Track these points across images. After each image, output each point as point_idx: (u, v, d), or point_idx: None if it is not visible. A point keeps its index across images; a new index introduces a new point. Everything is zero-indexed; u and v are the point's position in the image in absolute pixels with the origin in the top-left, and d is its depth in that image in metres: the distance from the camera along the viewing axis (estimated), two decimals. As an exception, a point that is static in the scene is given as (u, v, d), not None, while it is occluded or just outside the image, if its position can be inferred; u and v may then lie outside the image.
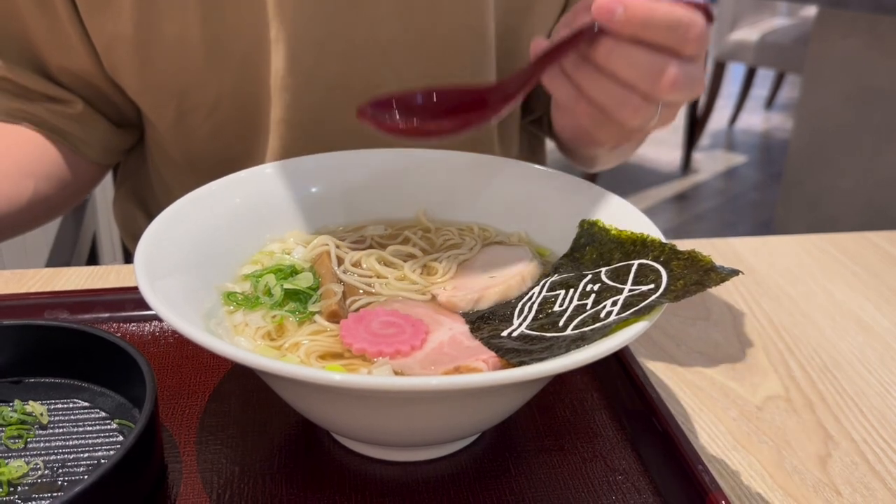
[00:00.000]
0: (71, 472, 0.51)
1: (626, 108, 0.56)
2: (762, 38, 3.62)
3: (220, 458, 0.53)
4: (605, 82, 0.55)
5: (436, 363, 0.50)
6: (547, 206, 0.64)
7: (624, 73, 0.55)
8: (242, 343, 0.52)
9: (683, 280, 0.48)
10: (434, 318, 0.54)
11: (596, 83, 0.56)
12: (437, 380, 0.41)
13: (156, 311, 0.45)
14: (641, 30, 0.54)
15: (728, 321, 0.76)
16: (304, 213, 0.65)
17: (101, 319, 0.68)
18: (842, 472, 0.58)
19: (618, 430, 0.57)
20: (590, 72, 0.56)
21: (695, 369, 0.69)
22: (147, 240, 0.52)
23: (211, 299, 0.54)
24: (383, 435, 0.52)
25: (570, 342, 0.47)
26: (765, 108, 4.68)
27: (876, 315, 0.78)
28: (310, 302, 0.56)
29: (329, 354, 0.51)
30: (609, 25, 0.54)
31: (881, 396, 0.66)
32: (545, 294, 0.54)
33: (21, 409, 0.55)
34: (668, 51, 0.54)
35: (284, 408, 0.58)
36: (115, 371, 0.55)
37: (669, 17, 0.54)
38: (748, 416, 0.63)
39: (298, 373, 0.41)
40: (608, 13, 0.53)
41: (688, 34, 0.54)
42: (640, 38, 0.54)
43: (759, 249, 0.90)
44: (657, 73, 0.54)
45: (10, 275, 0.78)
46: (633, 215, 0.58)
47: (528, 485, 0.52)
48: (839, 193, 2.46)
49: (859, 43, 2.30)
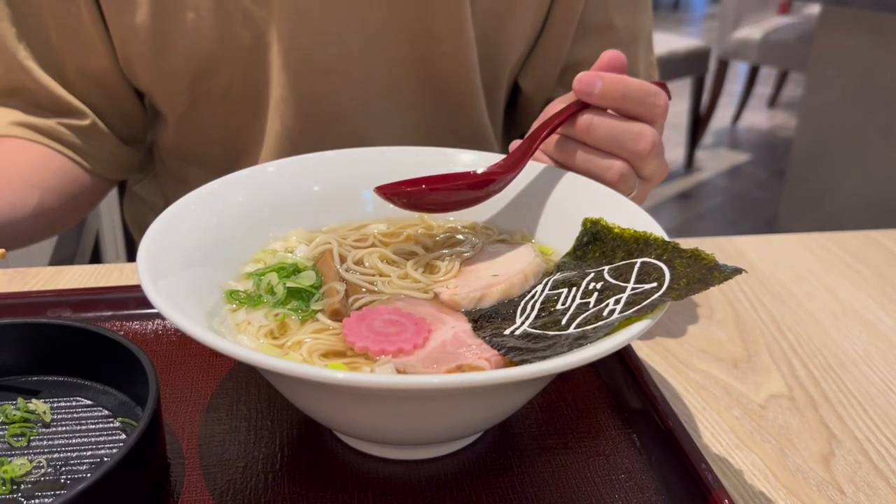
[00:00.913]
0: (74, 471, 0.51)
1: (611, 172, 0.62)
2: (765, 37, 3.61)
3: (223, 456, 0.54)
4: (588, 153, 0.63)
5: (438, 362, 0.50)
6: (550, 204, 0.64)
7: (607, 139, 0.62)
8: (245, 341, 0.52)
9: (686, 278, 0.48)
10: (436, 317, 0.54)
11: (580, 156, 0.63)
12: (439, 378, 0.41)
13: (159, 310, 0.45)
14: (619, 101, 0.61)
15: (731, 320, 0.76)
16: (307, 212, 0.65)
17: (104, 318, 0.68)
18: (845, 470, 0.58)
19: (621, 429, 0.57)
20: (573, 147, 0.63)
21: (698, 368, 0.69)
22: (150, 238, 0.53)
23: (214, 298, 0.54)
24: (386, 433, 0.51)
25: (572, 341, 0.47)
26: (768, 107, 4.67)
27: (880, 313, 0.78)
28: (312, 300, 0.56)
29: (332, 353, 0.51)
30: (590, 99, 0.62)
31: (884, 395, 0.66)
32: (548, 292, 0.54)
33: (24, 408, 0.55)
34: (642, 119, 0.62)
35: (287, 406, 0.58)
36: (117, 369, 0.55)
37: (641, 88, 0.62)
38: (751, 415, 0.63)
39: (301, 371, 0.41)
40: (589, 86, 0.61)
41: (657, 103, 0.62)
42: (618, 109, 0.62)
43: (763, 248, 0.90)
44: (637, 135, 0.62)
45: (13, 273, 0.78)
46: (636, 213, 0.58)
47: (530, 483, 0.52)
48: (843, 191, 2.46)
49: (863, 41, 2.30)
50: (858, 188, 2.42)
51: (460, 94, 0.89)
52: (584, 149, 0.63)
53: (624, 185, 0.63)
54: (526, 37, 0.90)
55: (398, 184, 0.59)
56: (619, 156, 0.62)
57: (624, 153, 0.62)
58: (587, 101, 0.62)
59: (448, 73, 0.87)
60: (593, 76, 0.61)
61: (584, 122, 0.62)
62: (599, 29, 0.89)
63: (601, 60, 0.64)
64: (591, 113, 0.62)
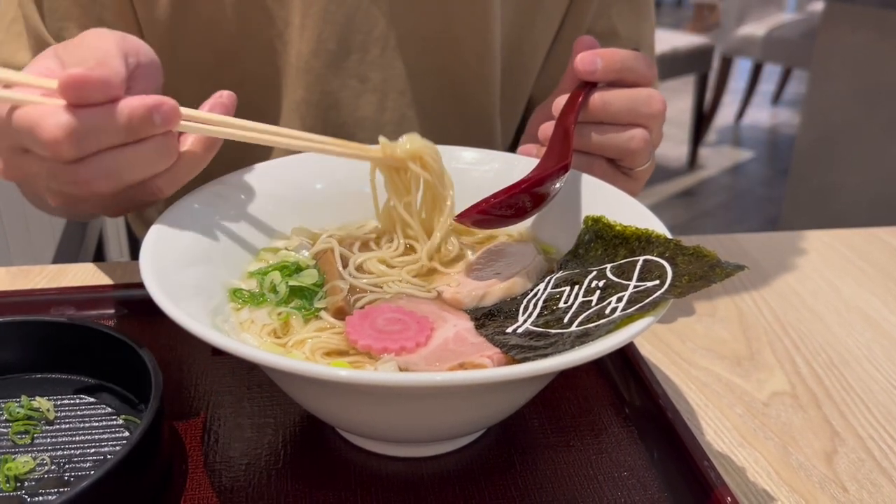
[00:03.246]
0: (77, 468, 0.51)
1: (634, 141, 0.65)
2: (769, 34, 3.61)
3: (226, 454, 0.54)
4: (608, 130, 0.65)
5: (441, 360, 0.50)
6: (551, 202, 0.64)
7: (623, 110, 0.64)
8: (249, 340, 0.52)
9: (689, 276, 0.48)
10: (439, 315, 0.54)
11: (601, 135, 0.65)
12: (441, 376, 0.41)
13: (162, 308, 0.45)
14: (620, 72, 0.64)
15: (734, 317, 0.76)
16: (310, 210, 0.65)
17: (107, 316, 0.68)
18: (848, 468, 0.58)
19: (623, 427, 0.57)
20: (589, 130, 0.65)
21: (700, 365, 0.69)
22: (153, 236, 0.53)
23: (217, 296, 0.55)
24: (389, 431, 0.52)
25: (574, 338, 0.47)
26: (772, 104, 4.66)
27: (883, 311, 0.78)
28: (315, 299, 0.56)
29: (334, 351, 0.51)
30: (594, 76, 0.64)
31: (888, 392, 0.66)
32: (550, 291, 0.54)
33: (28, 405, 0.55)
34: (641, 84, 0.65)
35: (290, 404, 0.58)
36: (120, 367, 0.55)
37: (632, 56, 0.65)
38: (754, 413, 0.63)
39: (305, 369, 0.41)
40: (591, 65, 0.64)
41: (650, 71, 0.66)
42: (620, 81, 0.65)
43: (766, 245, 0.90)
44: (648, 98, 0.65)
45: (17, 271, 0.78)
46: (637, 211, 0.58)
47: (533, 480, 0.52)
48: (846, 189, 2.45)
49: (867, 38, 2.29)
50: (862, 185, 2.41)
51: (480, 104, 0.89)
52: (602, 127, 0.65)
53: (647, 151, 0.66)
54: (546, 45, 0.90)
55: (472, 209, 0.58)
56: (637, 123, 0.65)
57: (641, 119, 0.65)
58: (591, 79, 0.65)
59: (470, 83, 0.87)
60: (592, 55, 0.64)
61: (597, 101, 0.64)
62: (604, 36, 0.90)
63: (578, 48, 0.67)
64: (598, 91, 0.65)
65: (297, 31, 0.80)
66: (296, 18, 0.80)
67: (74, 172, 0.50)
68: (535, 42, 0.89)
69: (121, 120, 0.49)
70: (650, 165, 0.69)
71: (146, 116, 0.49)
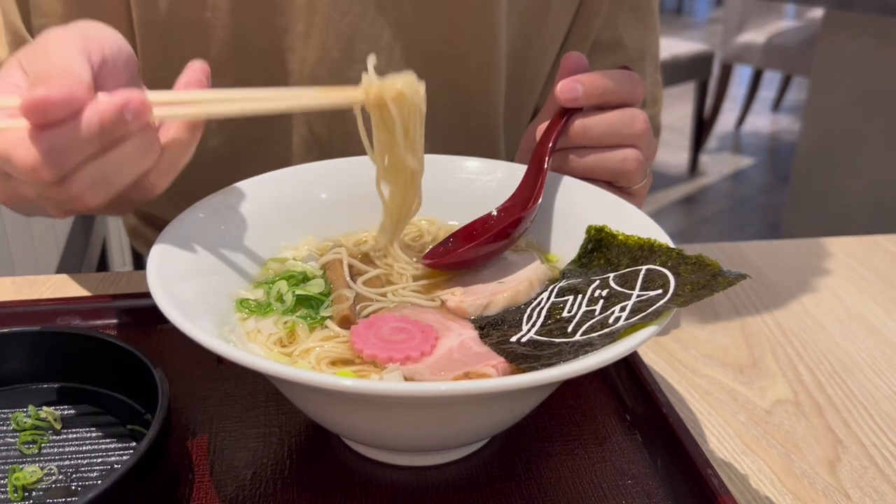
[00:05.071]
0: (84, 478, 0.51)
1: (627, 162, 0.64)
2: (769, 41, 3.61)
3: (232, 463, 0.54)
4: (594, 154, 0.65)
5: (445, 369, 0.50)
6: (554, 211, 0.64)
7: (605, 134, 0.64)
8: (255, 349, 0.52)
9: (691, 285, 0.48)
10: (443, 324, 0.54)
11: (589, 160, 0.65)
12: (446, 385, 0.41)
13: (169, 318, 0.45)
14: (602, 96, 0.63)
15: (736, 325, 0.76)
16: (316, 219, 0.65)
17: (114, 325, 0.68)
18: (851, 476, 0.58)
19: (627, 435, 0.58)
20: (576, 156, 0.65)
21: (703, 373, 0.69)
22: (160, 246, 0.53)
23: (224, 306, 0.55)
24: (394, 440, 0.52)
25: (578, 347, 0.47)
26: (772, 111, 4.67)
27: (885, 318, 0.78)
28: (321, 307, 0.56)
29: (340, 361, 0.52)
30: (576, 103, 0.63)
31: (890, 400, 0.66)
32: (554, 300, 0.54)
33: (35, 415, 0.55)
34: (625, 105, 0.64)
35: (296, 413, 0.58)
36: (127, 377, 0.56)
37: (616, 76, 0.64)
38: (757, 420, 0.63)
39: (311, 379, 0.41)
40: (572, 92, 0.63)
41: (636, 87, 0.65)
42: (603, 103, 0.65)
43: (768, 253, 0.90)
44: (629, 119, 0.64)
45: (22, 281, 0.79)
46: (640, 220, 0.58)
47: (537, 489, 0.53)
48: (847, 196, 2.45)
49: (866, 45, 2.30)
50: (863, 192, 2.41)
51: (485, 116, 0.89)
52: (586, 152, 0.65)
53: (641, 170, 0.65)
54: (552, 56, 0.90)
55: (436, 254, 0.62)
56: (622, 144, 0.64)
57: (625, 140, 0.64)
58: (573, 105, 0.64)
59: (474, 95, 0.87)
60: (572, 82, 0.63)
61: (578, 128, 0.64)
62: (609, 46, 0.90)
63: (565, 66, 0.66)
64: (579, 117, 0.64)
65: (300, 38, 0.80)
66: (298, 26, 0.80)
67: (62, 191, 0.50)
68: (541, 53, 0.89)
69: (92, 129, 0.47)
70: (647, 181, 0.69)
71: (117, 117, 0.47)
